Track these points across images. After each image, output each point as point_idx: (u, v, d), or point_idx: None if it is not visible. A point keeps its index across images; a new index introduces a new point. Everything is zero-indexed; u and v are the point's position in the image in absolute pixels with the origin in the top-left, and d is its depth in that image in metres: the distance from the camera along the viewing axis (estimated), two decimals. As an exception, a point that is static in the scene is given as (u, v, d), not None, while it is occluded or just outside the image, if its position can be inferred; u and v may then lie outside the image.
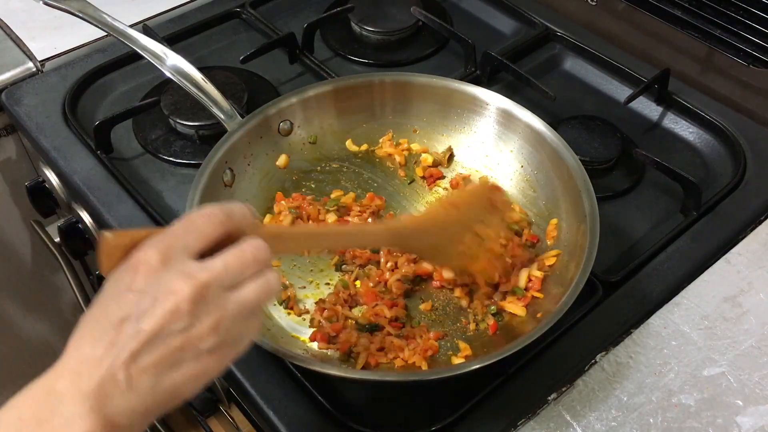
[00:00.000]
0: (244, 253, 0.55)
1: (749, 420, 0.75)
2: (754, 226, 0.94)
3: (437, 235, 0.79)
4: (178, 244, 0.54)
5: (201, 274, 0.53)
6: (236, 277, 0.55)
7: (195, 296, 0.52)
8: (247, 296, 0.55)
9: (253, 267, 0.56)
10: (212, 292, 0.53)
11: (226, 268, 0.54)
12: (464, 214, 0.80)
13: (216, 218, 0.56)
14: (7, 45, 1.19)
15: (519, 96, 1.10)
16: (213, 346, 0.53)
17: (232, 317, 0.54)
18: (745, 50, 1.04)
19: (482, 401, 0.77)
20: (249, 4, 1.25)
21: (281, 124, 0.96)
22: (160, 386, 0.52)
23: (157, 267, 0.53)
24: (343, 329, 0.81)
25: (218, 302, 0.53)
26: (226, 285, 0.54)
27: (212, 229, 0.56)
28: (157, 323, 0.51)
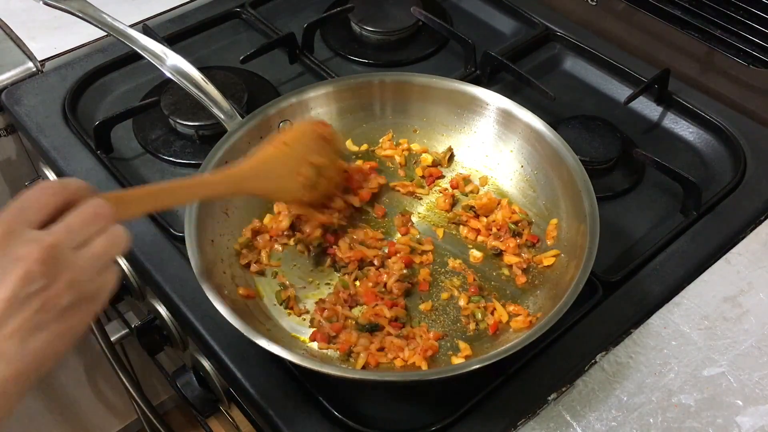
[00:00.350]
0: (84, 212, 0.57)
1: (749, 420, 0.75)
2: (754, 226, 0.94)
3: (274, 172, 0.82)
4: (17, 219, 0.55)
5: (45, 238, 0.54)
6: (81, 234, 0.56)
7: (44, 257, 0.53)
8: (96, 250, 0.57)
9: (96, 222, 0.57)
10: (60, 252, 0.54)
11: (69, 227, 0.56)
12: (295, 148, 0.83)
13: (50, 189, 0.57)
14: (7, 45, 1.19)
15: (519, 96, 1.10)
16: (72, 302, 0.55)
17: (86, 272, 0.56)
18: (745, 50, 1.04)
19: (482, 401, 0.77)
20: (249, 4, 1.25)
21: (281, 124, 0.96)
22: (27, 350, 0.53)
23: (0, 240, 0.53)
24: (343, 329, 0.81)
25: (68, 260, 0.55)
26: (74, 243, 0.56)
27: (48, 199, 0.57)
28: (11, 290, 0.52)
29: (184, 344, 0.98)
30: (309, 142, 0.86)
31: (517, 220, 0.91)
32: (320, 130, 0.88)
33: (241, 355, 0.81)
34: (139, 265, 0.92)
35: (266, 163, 0.82)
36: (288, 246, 0.89)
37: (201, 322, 0.84)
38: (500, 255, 0.88)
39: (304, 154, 0.85)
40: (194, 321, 0.85)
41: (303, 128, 0.87)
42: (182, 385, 0.94)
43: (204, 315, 0.84)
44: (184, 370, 0.96)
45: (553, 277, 0.84)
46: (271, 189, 0.84)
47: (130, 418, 1.75)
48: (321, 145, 0.87)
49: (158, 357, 1.18)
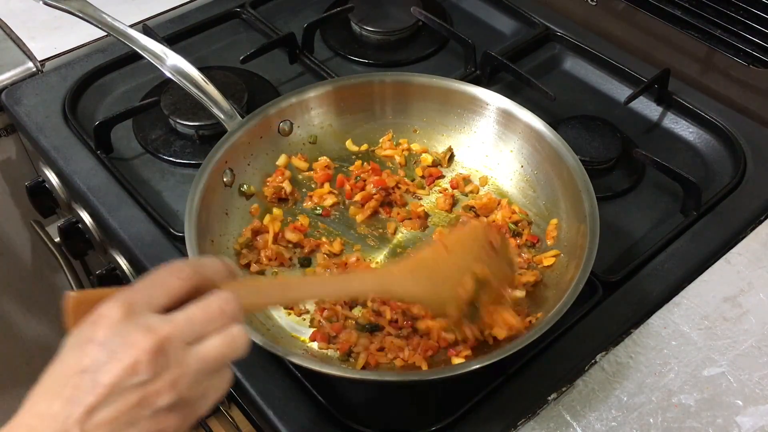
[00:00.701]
0: (209, 306, 0.53)
1: (749, 420, 0.75)
2: (754, 226, 0.94)
3: (429, 279, 0.72)
4: (141, 298, 0.53)
5: (162, 327, 0.51)
6: (200, 330, 0.53)
7: (155, 349, 0.50)
8: (210, 351, 0.53)
9: (219, 320, 0.53)
10: (173, 346, 0.51)
11: (189, 320, 0.52)
12: (458, 255, 0.73)
13: (183, 272, 0.54)
14: (7, 45, 1.19)
15: (519, 96, 1.10)
16: (171, 404, 0.51)
17: (194, 373, 0.52)
18: (745, 50, 1.04)
19: (482, 401, 0.77)
20: (249, 4, 1.25)
21: (281, 124, 0.96)
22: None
23: (118, 320, 0.51)
24: (343, 329, 0.81)
25: (179, 357, 0.51)
26: (189, 339, 0.52)
27: (179, 283, 0.54)
28: (115, 376, 0.49)
29: (184, 344, 0.98)
30: (475, 249, 0.74)
31: (517, 220, 0.91)
32: (490, 236, 0.76)
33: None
34: (139, 265, 0.92)
35: (421, 267, 0.72)
36: (288, 248, 0.89)
37: (201, 322, 0.84)
38: None
39: (468, 262, 0.73)
40: (194, 321, 0.85)
41: (471, 232, 0.76)
42: (182, 385, 0.94)
43: (204, 315, 0.84)
44: (184, 370, 0.95)
45: (553, 277, 0.84)
46: (424, 297, 0.73)
47: (130, 418, 1.75)
48: (488, 254, 0.75)
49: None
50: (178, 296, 0.54)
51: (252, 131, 0.92)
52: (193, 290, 0.54)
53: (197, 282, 0.55)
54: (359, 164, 0.97)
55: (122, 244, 0.94)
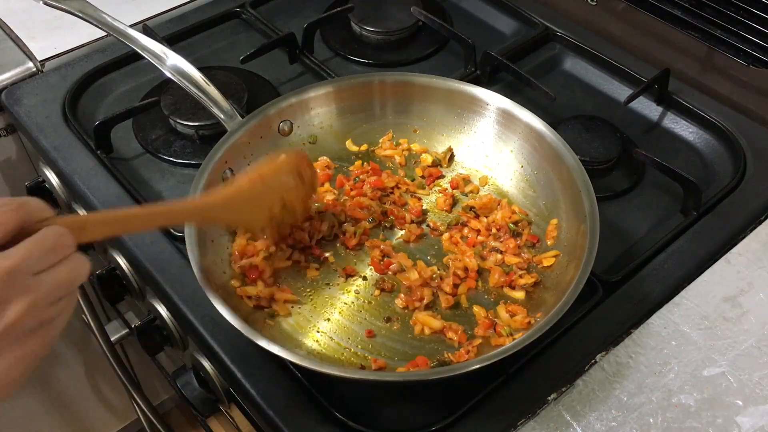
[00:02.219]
0: (45, 239, 0.55)
1: (749, 420, 0.75)
2: (754, 226, 0.94)
3: (243, 207, 0.81)
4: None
5: (4, 261, 0.53)
6: (41, 261, 0.55)
7: (3, 279, 0.52)
8: (58, 277, 0.56)
9: (57, 252, 0.56)
10: (18, 276, 0.53)
11: (28, 253, 0.54)
12: (270, 185, 0.82)
13: (8, 207, 0.55)
14: (7, 45, 1.19)
15: (519, 96, 1.10)
16: (31, 328, 0.54)
17: (45, 298, 0.54)
18: (745, 50, 1.04)
19: (482, 401, 0.77)
20: (249, 4, 1.25)
21: (281, 124, 0.96)
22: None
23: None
24: None
25: (27, 284, 0.53)
26: (33, 269, 0.54)
27: (7, 216, 0.55)
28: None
29: (184, 344, 0.98)
30: (286, 178, 0.84)
31: (517, 221, 0.91)
32: (300, 166, 0.85)
33: (241, 355, 0.81)
34: (139, 265, 0.92)
35: (238, 197, 0.80)
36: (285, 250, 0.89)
37: (201, 322, 0.84)
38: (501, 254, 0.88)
39: (278, 191, 0.84)
40: (194, 321, 0.85)
41: (283, 162, 0.84)
42: (182, 385, 0.94)
43: (204, 315, 0.84)
44: (184, 370, 0.96)
45: (553, 278, 0.84)
46: (235, 222, 0.84)
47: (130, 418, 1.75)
48: (297, 181, 0.85)
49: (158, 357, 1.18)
50: (10, 231, 0.55)
51: (252, 131, 0.92)
52: (21, 224, 0.56)
53: (23, 217, 0.56)
54: (359, 164, 0.97)
55: (122, 244, 0.94)
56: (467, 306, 0.85)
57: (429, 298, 0.84)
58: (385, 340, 0.82)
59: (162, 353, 1.06)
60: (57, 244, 0.56)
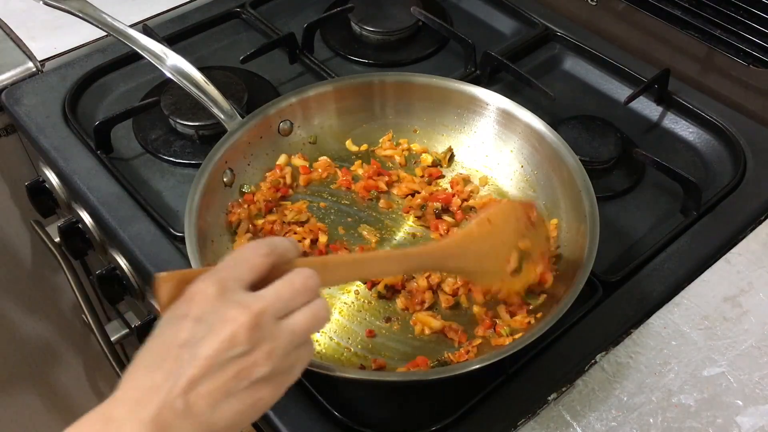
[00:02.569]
0: (293, 282, 0.57)
1: (749, 420, 0.75)
2: (754, 226, 0.94)
3: (477, 252, 0.77)
4: (231, 275, 0.56)
5: (256, 303, 0.54)
6: (288, 305, 0.56)
7: (251, 324, 0.53)
8: (299, 324, 0.56)
9: (303, 295, 0.57)
10: (266, 321, 0.54)
11: (278, 296, 0.56)
12: (500, 228, 0.78)
13: (262, 250, 0.58)
14: (7, 45, 1.19)
15: (519, 96, 1.10)
16: (267, 375, 0.54)
17: (285, 345, 0.55)
18: (745, 50, 1.04)
19: (482, 401, 0.77)
20: (249, 4, 1.25)
21: (281, 124, 0.96)
22: (216, 415, 0.52)
23: (213, 296, 0.54)
24: None
25: (272, 330, 0.54)
26: (279, 313, 0.56)
27: (261, 260, 0.58)
28: (215, 349, 0.52)
29: (184, 344, 0.98)
30: (515, 224, 0.79)
31: None
32: (527, 212, 0.81)
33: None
34: (139, 265, 0.92)
35: (469, 241, 0.77)
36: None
37: (201, 322, 0.84)
38: None
39: (511, 237, 0.78)
40: (194, 321, 0.85)
41: (509, 207, 0.81)
42: (182, 385, 0.94)
43: (204, 315, 0.84)
44: (184, 370, 0.95)
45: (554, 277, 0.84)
46: (474, 269, 0.78)
47: (130, 418, 1.75)
48: (528, 229, 0.80)
49: (158, 357, 1.17)
50: (261, 273, 0.57)
51: (252, 131, 0.93)
52: (272, 267, 0.58)
53: (275, 259, 0.58)
54: (359, 164, 0.97)
55: (122, 244, 0.94)
56: (467, 306, 0.85)
57: (430, 300, 0.84)
58: (385, 340, 0.82)
59: (162, 353, 1.06)
60: (304, 288, 0.57)
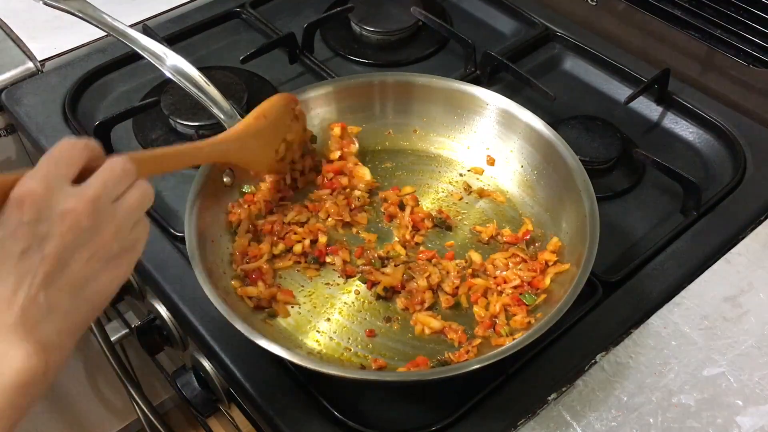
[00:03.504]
0: (114, 169, 0.59)
1: (749, 420, 0.75)
2: (754, 226, 0.94)
3: (254, 143, 0.86)
4: (53, 172, 0.56)
5: (87, 191, 0.56)
6: (116, 188, 0.59)
7: (89, 210, 0.55)
8: (131, 202, 0.60)
9: (126, 179, 0.60)
10: (102, 204, 0.57)
11: (104, 183, 0.58)
12: (273, 123, 0.88)
13: (79, 144, 0.59)
14: (7, 45, 1.19)
15: (519, 96, 1.10)
16: (117, 252, 0.58)
17: (125, 223, 0.59)
18: (745, 50, 1.04)
19: (482, 401, 0.77)
20: (249, 4, 1.25)
21: (281, 124, 0.96)
22: (80, 300, 0.56)
23: (42, 195, 0.54)
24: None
25: (110, 211, 0.58)
26: (111, 197, 0.58)
27: (79, 154, 0.58)
28: (61, 242, 0.54)
29: (184, 344, 0.98)
30: (284, 118, 0.90)
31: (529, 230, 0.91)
32: (293, 106, 0.91)
33: (241, 355, 0.81)
34: (139, 265, 0.92)
35: (248, 134, 0.85)
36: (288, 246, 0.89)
37: (201, 322, 0.84)
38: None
39: (281, 130, 0.89)
40: (194, 321, 0.85)
41: (278, 102, 0.90)
42: (182, 385, 0.94)
43: (204, 315, 0.84)
44: (184, 370, 0.95)
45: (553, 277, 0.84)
46: (250, 160, 0.87)
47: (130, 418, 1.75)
48: (293, 121, 0.92)
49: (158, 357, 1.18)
50: (81, 166, 0.58)
51: (252, 131, 0.92)
52: (89, 161, 0.59)
53: (90, 154, 0.59)
54: None
55: (122, 244, 0.94)
56: (467, 306, 0.85)
57: (430, 300, 0.84)
58: (385, 340, 0.82)
59: (162, 353, 1.06)
60: (125, 172, 0.60)
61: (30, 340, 0.52)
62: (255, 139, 0.86)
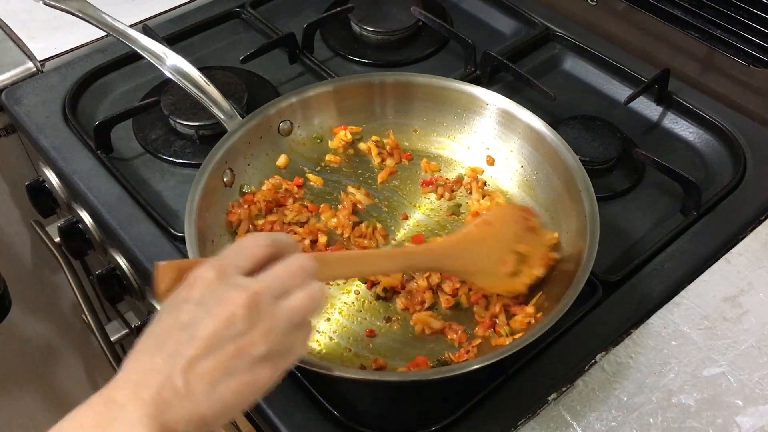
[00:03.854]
0: (291, 265, 0.59)
1: (749, 420, 0.75)
2: (754, 226, 0.94)
3: (476, 253, 0.79)
4: (230, 263, 0.58)
5: (252, 285, 0.56)
6: (285, 285, 0.57)
7: (249, 304, 0.54)
8: (296, 304, 0.57)
9: (299, 276, 0.59)
10: (264, 301, 0.55)
11: (275, 276, 0.57)
12: (499, 231, 0.80)
13: (263, 240, 0.60)
14: (7, 45, 1.19)
15: (519, 96, 1.10)
16: (265, 354, 0.55)
17: (283, 325, 0.56)
18: (745, 50, 1.04)
19: (482, 401, 0.77)
20: (249, 4, 1.25)
21: (281, 124, 0.96)
22: (215, 394, 0.53)
23: (212, 280, 0.56)
24: None
25: (269, 310, 0.56)
26: (277, 294, 0.57)
27: (260, 250, 0.59)
28: (213, 329, 0.53)
29: (184, 344, 0.98)
30: (514, 228, 0.82)
31: None
32: (526, 217, 0.83)
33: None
34: (139, 265, 0.92)
35: (468, 242, 0.79)
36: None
37: (201, 322, 0.84)
38: None
39: (509, 240, 0.80)
40: (194, 321, 0.85)
41: (508, 212, 0.84)
42: (182, 385, 0.94)
43: (204, 315, 0.84)
44: (184, 370, 0.95)
45: (553, 277, 0.84)
46: (473, 270, 0.80)
47: (130, 418, 1.75)
48: (526, 233, 0.82)
49: (158, 357, 1.17)
50: (260, 262, 0.59)
51: (252, 131, 0.92)
52: (271, 257, 0.59)
53: (275, 250, 0.60)
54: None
55: (122, 244, 0.94)
56: (467, 306, 0.85)
57: (430, 300, 0.84)
58: (385, 340, 0.82)
59: (162, 353, 1.06)
60: (301, 269, 0.59)
61: (157, 420, 0.51)
62: (478, 249, 0.78)
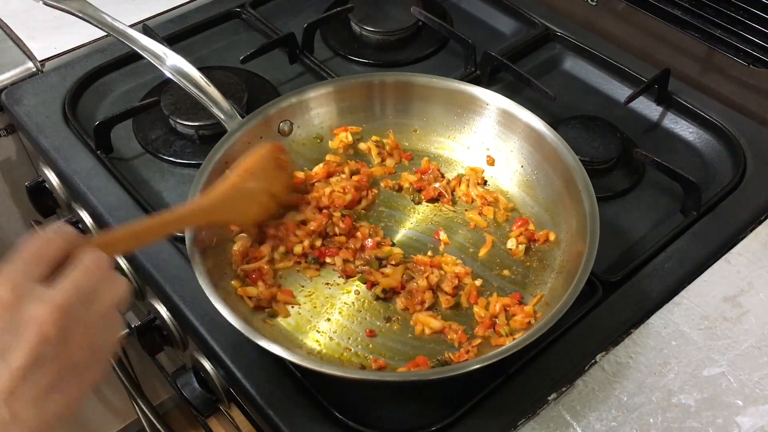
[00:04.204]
0: (87, 267, 0.56)
1: (749, 420, 0.75)
2: (754, 226, 0.94)
3: (239, 202, 0.84)
4: (23, 273, 0.54)
5: (56, 297, 0.53)
6: (88, 288, 0.56)
7: (57, 320, 0.52)
8: (105, 304, 0.57)
9: (97, 274, 0.57)
10: (72, 312, 0.53)
11: (76, 285, 0.55)
12: (258, 178, 0.85)
13: (47, 240, 0.57)
14: (7, 45, 1.19)
15: (519, 96, 1.10)
16: (87, 359, 0.54)
17: (98, 328, 0.56)
18: (745, 50, 1.04)
19: (482, 401, 0.77)
20: (249, 4, 1.25)
21: (281, 124, 0.96)
22: (45, 412, 0.52)
23: (10, 301, 0.52)
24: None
25: (82, 318, 0.54)
26: (83, 299, 0.55)
27: (52, 250, 0.56)
28: (26, 356, 0.51)
29: (184, 344, 0.98)
30: (270, 171, 0.87)
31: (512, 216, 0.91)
32: (278, 157, 0.88)
33: (241, 355, 0.81)
34: (139, 265, 0.92)
35: (232, 194, 0.83)
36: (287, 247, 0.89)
37: (201, 322, 0.84)
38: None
39: (266, 185, 0.86)
40: (194, 321, 0.85)
41: (263, 154, 0.87)
42: (182, 385, 0.94)
43: (204, 315, 0.84)
44: (184, 370, 0.95)
45: (553, 277, 0.84)
46: (234, 218, 0.85)
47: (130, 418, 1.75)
48: (278, 173, 0.88)
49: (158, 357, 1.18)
50: (54, 262, 0.56)
51: (252, 131, 0.92)
52: (60, 254, 0.57)
53: (61, 245, 0.57)
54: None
55: (122, 244, 0.94)
56: (467, 306, 0.85)
57: (430, 300, 0.84)
58: (385, 340, 0.82)
59: (162, 353, 1.06)
60: (98, 267, 0.57)
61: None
62: (240, 198, 0.83)
